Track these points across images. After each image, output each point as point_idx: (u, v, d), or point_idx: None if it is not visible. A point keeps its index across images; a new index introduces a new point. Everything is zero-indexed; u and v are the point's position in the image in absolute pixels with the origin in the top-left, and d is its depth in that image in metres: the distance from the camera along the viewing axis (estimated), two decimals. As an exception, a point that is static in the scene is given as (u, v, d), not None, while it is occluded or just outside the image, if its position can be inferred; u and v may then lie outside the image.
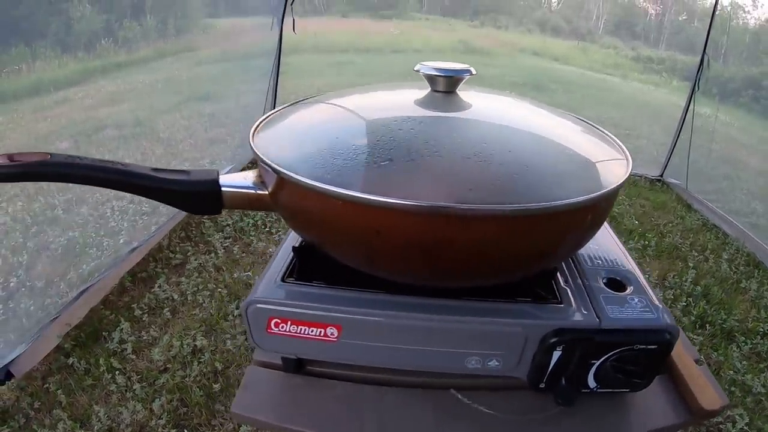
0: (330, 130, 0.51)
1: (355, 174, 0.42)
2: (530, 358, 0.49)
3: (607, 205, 0.49)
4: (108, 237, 1.91)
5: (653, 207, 2.94)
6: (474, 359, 0.49)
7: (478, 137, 0.48)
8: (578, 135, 0.56)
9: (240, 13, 3.43)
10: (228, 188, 0.49)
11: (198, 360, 1.55)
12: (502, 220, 0.40)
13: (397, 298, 0.49)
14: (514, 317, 0.48)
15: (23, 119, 1.74)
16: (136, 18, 2.26)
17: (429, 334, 0.48)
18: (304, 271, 0.53)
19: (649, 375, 0.52)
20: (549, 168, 0.46)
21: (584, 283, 0.54)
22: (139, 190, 0.48)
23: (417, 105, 0.53)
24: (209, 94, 2.90)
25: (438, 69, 0.52)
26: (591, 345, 0.48)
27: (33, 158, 0.44)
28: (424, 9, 5.04)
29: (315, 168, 0.43)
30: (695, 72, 2.98)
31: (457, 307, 0.48)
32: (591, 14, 5.47)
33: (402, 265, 0.45)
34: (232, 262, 2.07)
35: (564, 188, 0.43)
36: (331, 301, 0.49)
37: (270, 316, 0.50)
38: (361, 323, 0.48)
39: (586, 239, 0.51)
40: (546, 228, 0.43)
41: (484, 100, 0.57)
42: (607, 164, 0.50)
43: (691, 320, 1.91)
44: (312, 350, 0.52)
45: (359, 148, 0.44)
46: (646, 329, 0.49)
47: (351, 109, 0.54)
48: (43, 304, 1.59)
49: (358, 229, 0.42)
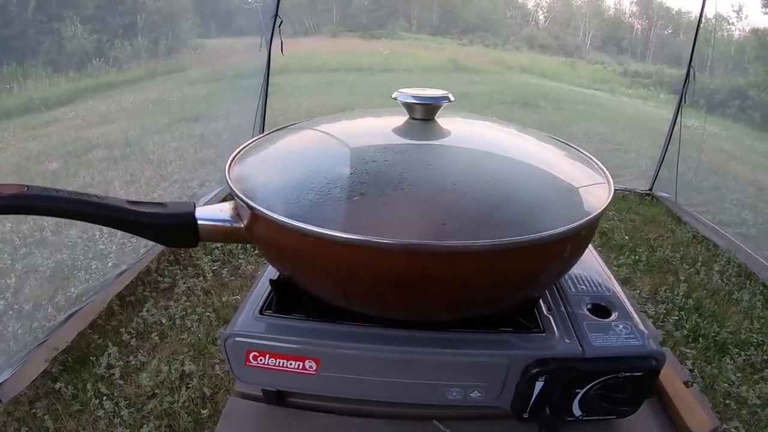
0: (304, 162, 0.51)
1: (327, 210, 0.41)
2: (513, 388, 0.48)
3: (588, 232, 0.48)
4: (96, 260, 1.90)
5: (643, 221, 2.95)
6: (455, 390, 0.48)
7: (455, 167, 0.47)
8: (559, 160, 0.56)
9: (230, 33, 3.45)
10: (204, 221, 0.48)
11: (186, 385, 1.53)
12: (477, 256, 0.40)
13: (375, 331, 0.48)
14: (495, 348, 0.47)
15: (14, 138, 1.75)
16: (127, 38, 2.28)
17: (408, 366, 0.47)
18: (282, 304, 0.53)
19: (636, 401, 0.51)
20: (527, 198, 0.46)
21: (568, 310, 0.53)
22: (115, 223, 0.47)
23: (395, 133, 0.52)
24: (199, 114, 2.91)
25: (415, 96, 0.52)
26: (574, 374, 0.47)
27: (10, 190, 0.43)
28: (414, 28, 5.09)
29: (288, 203, 0.42)
30: (682, 85, 3.01)
31: (436, 339, 0.48)
32: (578, 30, 5.55)
33: (377, 301, 0.44)
34: (220, 286, 2.06)
35: (543, 219, 0.43)
36: (309, 335, 0.48)
37: (248, 350, 0.49)
38: (340, 356, 0.48)
39: (568, 268, 0.51)
40: (524, 261, 0.42)
41: (462, 127, 0.57)
42: (588, 189, 0.50)
43: (684, 334, 1.91)
44: (291, 383, 0.51)
45: (332, 182, 0.43)
46: (631, 356, 0.48)
47: (327, 139, 0.54)
48: (30, 328, 1.58)
49: (331, 266, 0.42)
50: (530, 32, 5.34)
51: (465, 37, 4.93)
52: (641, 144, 3.68)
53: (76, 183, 2.00)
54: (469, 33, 4.97)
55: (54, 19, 1.81)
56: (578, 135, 3.97)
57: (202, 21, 3.19)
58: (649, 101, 4.41)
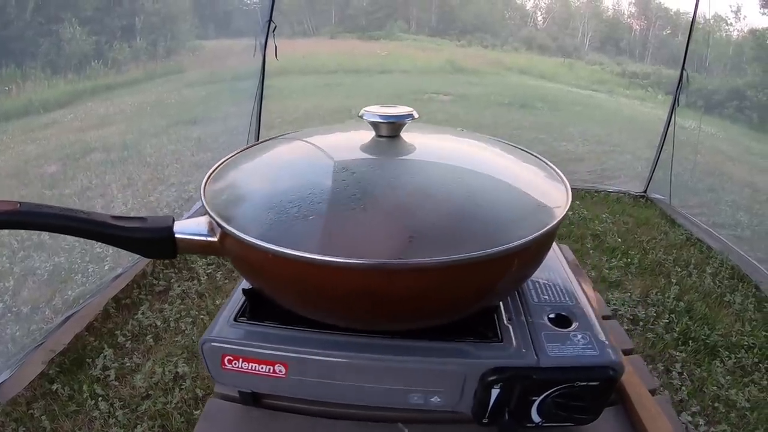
0: (271, 181, 0.53)
1: (288, 228, 0.44)
2: (472, 394, 0.50)
3: (542, 245, 0.51)
4: (93, 263, 1.92)
5: (637, 224, 2.96)
6: (416, 395, 0.50)
7: (416, 184, 0.50)
8: (521, 172, 0.58)
9: (229, 35, 3.45)
10: (181, 235, 0.51)
11: (179, 386, 1.56)
12: (425, 273, 0.42)
13: (340, 338, 0.51)
14: (452, 356, 0.49)
15: (12, 141, 1.77)
16: (126, 39, 2.29)
17: (371, 372, 0.50)
18: (255, 312, 0.56)
19: (595, 410, 0.52)
20: (486, 212, 0.48)
21: (528, 320, 0.55)
22: (99, 237, 0.50)
23: (361, 150, 0.55)
24: (197, 117, 2.93)
25: (381, 115, 0.55)
26: (529, 383, 0.49)
27: (5, 207, 0.46)
28: (412, 29, 5.09)
29: (254, 222, 0.45)
30: (675, 87, 3.03)
31: (397, 347, 0.50)
32: (577, 31, 5.55)
33: (334, 315, 0.48)
34: (214, 289, 2.08)
35: (501, 232, 0.45)
36: (278, 341, 0.51)
37: (223, 354, 0.52)
38: (305, 362, 0.50)
39: (523, 280, 0.53)
40: (476, 275, 0.44)
41: (427, 142, 0.60)
42: (547, 200, 0.52)
43: (674, 337, 1.92)
44: (264, 385, 0.54)
45: (294, 201, 0.46)
46: (587, 366, 0.50)
47: (294, 157, 0.57)
48: (28, 330, 1.61)
49: (289, 280, 0.45)
50: (529, 33, 5.34)
51: (463, 38, 4.92)
52: (637, 145, 3.69)
53: (74, 186, 2.02)
54: (467, 34, 4.97)
55: (53, 20, 1.83)
56: (575, 136, 3.97)
57: (200, 22, 3.19)
58: (647, 102, 4.40)
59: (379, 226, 0.44)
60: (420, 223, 0.45)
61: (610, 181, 3.53)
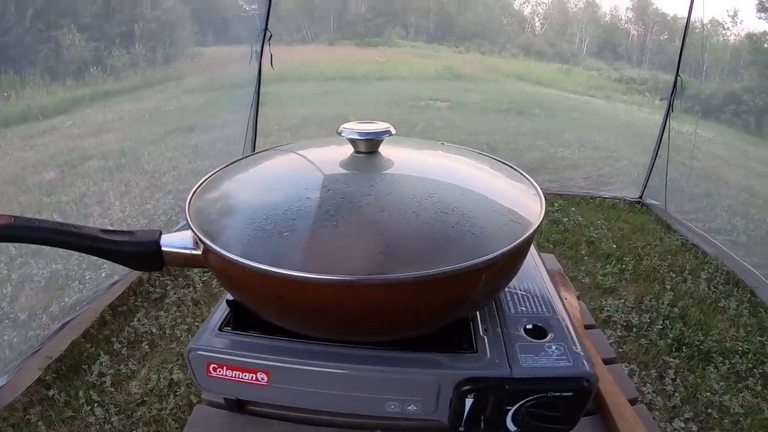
0: (250, 197, 0.56)
1: (263, 244, 0.46)
2: (447, 403, 0.52)
3: (515, 258, 0.52)
4: (90, 270, 1.93)
5: (632, 230, 2.97)
6: (393, 404, 0.52)
7: (387, 201, 0.51)
8: (497, 184, 0.60)
9: (228, 41, 3.46)
10: (167, 248, 0.53)
11: (174, 393, 1.57)
12: (397, 288, 0.44)
13: (320, 348, 0.53)
14: (427, 367, 0.51)
15: (11, 147, 1.77)
16: (124, 46, 2.29)
17: (349, 380, 0.52)
18: (239, 322, 0.58)
19: (571, 419, 0.54)
20: (458, 226, 0.49)
21: (503, 330, 0.57)
22: (90, 250, 0.52)
23: (339, 166, 0.57)
24: (194, 125, 2.93)
25: (358, 132, 0.57)
26: (503, 393, 0.50)
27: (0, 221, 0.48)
28: (410, 36, 5.11)
29: (231, 237, 0.48)
30: (670, 93, 3.04)
31: (375, 357, 0.52)
32: (574, 37, 5.57)
33: (310, 326, 0.50)
34: (210, 296, 2.10)
35: (473, 247, 0.46)
36: (259, 350, 0.53)
37: (209, 362, 0.54)
38: (286, 370, 0.52)
39: (495, 293, 0.54)
40: (449, 289, 0.46)
41: (405, 157, 0.62)
42: (521, 212, 0.53)
43: (668, 343, 1.93)
44: (247, 392, 0.56)
45: (270, 217, 0.48)
46: (560, 377, 0.51)
47: (274, 173, 0.59)
48: (25, 337, 1.62)
49: (265, 294, 0.47)
50: (526, 39, 5.36)
51: (461, 45, 4.94)
52: (633, 151, 3.70)
53: (71, 193, 2.03)
54: (465, 40, 4.99)
55: (52, 27, 1.83)
56: (571, 143, 3.98)
57: (199, 29, 3.18)
58: (644, 107, 4.41)
59: (351, 241, 0.46)
60: (392, 238, 0.47)
61: (606, 187, 3.54)
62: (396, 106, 4.39)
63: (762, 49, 3.06)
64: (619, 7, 5.45)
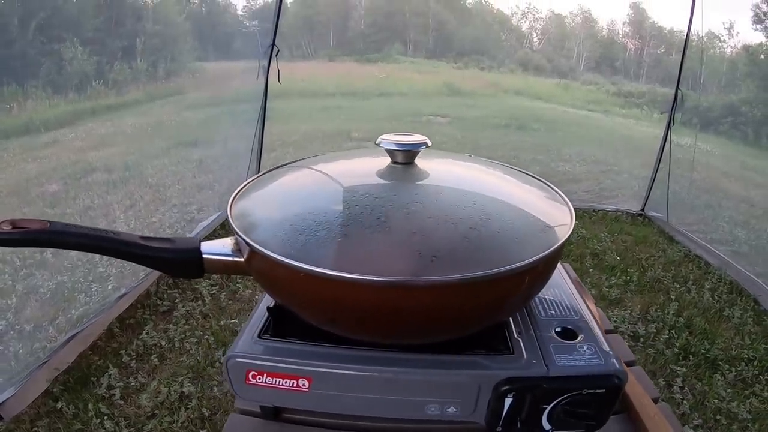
0: (296, 203, 0.57)
1: (315, 248, 0.47)
2: (486, 404, 0.53)
3: (549, 264, 0.54)
4: (97, 282, 1.93)
5: (635, 242, 2.99)
6: (433, 406, 0.53)
7: (431, 207, 0.53)
8: (526, 194, 0.62)
9: (229, 57, 3.50)
10: (208, 255, 0.54)
11: (185, 406, 1.56)
12: (442, 289, 0.46)
13: (361, 353, 0.54)
14: (467, 368, 0.52)
15: (13, 159, 1.78)
16: (126, 60, 2.30)
17: (391, 384, 0.52)
18: (278, 329, 0.58)
19: (602, 416, 0.55)
20: (496, 233, 0.51)
21: (536, 333, 0.58)
22: (128, 256, 0.53)
23: (378, 177, 0.59)
24: (198, 139, 2.94)
25: (397, 143, 0.58)
26: (540, 391, 0.52)
27: (34, 225, 0.48)
28: (410, 52, 5.18)
29: (281, 242, 0.49)
30: (670, 106, 3.07)
31: (416, 360, 0.53)
32: (572, 52, 5.64)
33: (359, 327, 0.51)
34: (219, 310, 2.10)
35: (511, 253, 0.48)
36: (302, 356, 0.54)
37: (248, 369, 0.55)
38: (329, 375, 0.53)
39: (531, 296, 0.56)
40: (486, 293, 0.48)
41: (440, 168, 0.64)
42: (552, 220, 0.55)
43: (675, 352, 1.94)
44: (286, 400, 0.56)
45: (321, 223, 0.50)
46: (593, 375, 0.53)
47: (317, 182, 0.60)
48: (32, 348, 1.61)
49: (318, 297, 0.48)
50: (525, 55, 5.43)
51: (460, 61, 5.01)
52: (633, 164, 3.74)
53: (76, 206, 2.03)
54: (464, 56, 5.06)
55: (54, 40, 1.85)
56: (572, 157, 4.02)
57: (200, 44, 3.22)
58: (643, 121, 4.46)
59: (404, 246, 0.48)
60: (443, 242, 0.48)
61: (608, 200, 3.57)
62: (396, 122, 4.43)
63: (759, 61, 3.11)
64: (616, 21, 5.54)
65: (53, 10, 1.91)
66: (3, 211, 1.65)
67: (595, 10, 5.16)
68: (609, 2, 4.90)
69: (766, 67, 3.05)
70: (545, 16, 5.61)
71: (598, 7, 5.00)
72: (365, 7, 5.44)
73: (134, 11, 2.46)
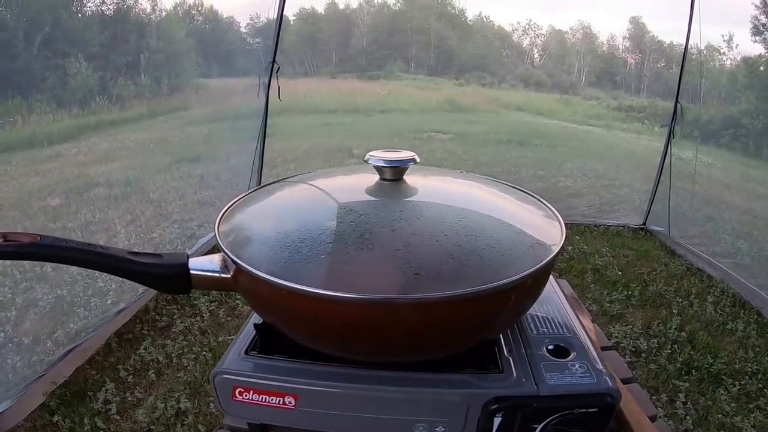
0: (282, 221, 0.57)
1: (299, 265, 0.47)
2: (475, 423, 0.52)
3: (538, 280, 0.53)
4: (96, 297, 1.92)
5: (637, 256, 2.97)
6: (422, 425, 0.52)
7: (416, 226, 0.53)
8: (517, 210, 0.62)
9: (232, 74, 3.52)
10: (196, 271, 0.54)
11: (182, 422, 1.55)
12: (429, 307, 0.45)
13: (348, 371, 0.53)
14: (456, 387, 0.52)
15: (16, 172, 1.79)
16: (130, 76, 2.31)
17: (378, 403, 0.52)
18: (266, 346, 0.58)
19: (596, 435, 0.54)
20: (484, 250, 0.51)
21: (527, 351, 0.57)
22: (117, 271, 0.53)
23: (366, 193, 0.59)
24: (200, 155, 2.95)
25: (384, 160, 0.58)
26: (530, 410, 0.51)
27: (25, 239, 0.49)
28: (411, 69, 5.22)
29: (266, 259, 0.49)
30: (670, 120, 3.07)
31: (404, 379, 0.52)
32: (572, 67, 5.67)
33: (342, 346, 0.50)
34: (217, 326, 2.09)
35: (498, 269, 0.48)
36: (288, 373, 0.54)
37: (234, 386, 0.54)
38: (315, 393, 0.53)
39: (521, 314, 0.55)
40: (477, 309, 0.47)
41: (429, 185, 0.64)
42: (542, 237, 0.55)
43: (677, 367, 1.92)
44: (273, 417, 0.56)
45: (305, 240, 0.50)
46: (585, 394, 0.52)
47: (304, 199, 0.61)
48: (29, 361, 1.60)
49: (300, 315, 0.48)
50: (525, 71, 5.46)
51: (462, 77, 5.04)
52: (635, 178, 3.73)
53: (77, 220, 2.04)
54: (465, 73, 5.09)
55: (59, 55, 1.87)
56: (573, 172, 4.02)
57: (203, 61, 3.25)
58: (644, 135, 4.46)
59: (387, 263, 0.48)
60: (427, 259, 0.48)
61: (609, 215, 3.56)
62: (398, 138, 4.44)
63: (758, 72, 3.11)
64: (616, 36, 5.56)
65: (58, 25, 1.93)
66: (5, 225, 1.65)
67: (595, 26, 5.19)
68: (609, 17, 4.94)
69: (765, 79, 3.05)
70: (546, 32, 5.65)
71: (598, 23, 5.03)
72: (367, 25, 5.50)
73: (138, 27, 2.48)
